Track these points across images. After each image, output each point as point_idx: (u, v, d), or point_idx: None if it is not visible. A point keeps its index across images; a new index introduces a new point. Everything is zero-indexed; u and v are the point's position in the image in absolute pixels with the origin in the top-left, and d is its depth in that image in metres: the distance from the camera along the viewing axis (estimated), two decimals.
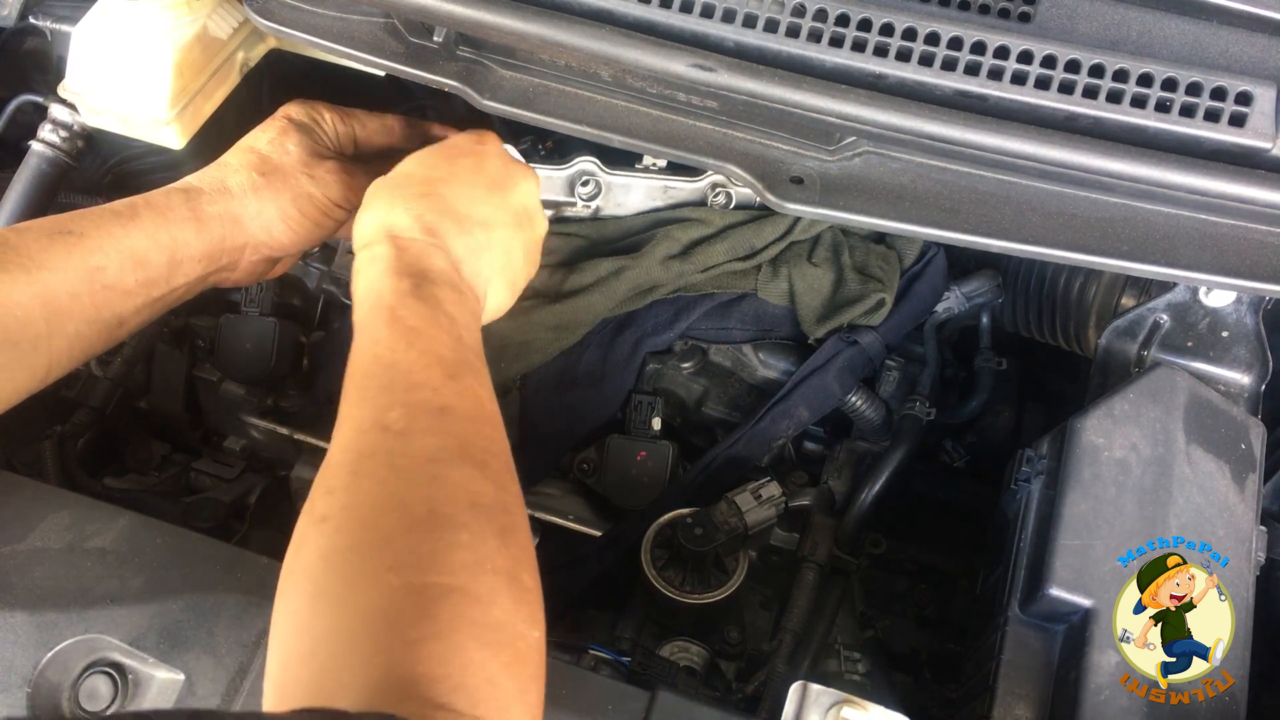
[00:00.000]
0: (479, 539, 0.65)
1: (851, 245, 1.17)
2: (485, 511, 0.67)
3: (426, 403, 0.72)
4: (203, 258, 0.93)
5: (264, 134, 1.01)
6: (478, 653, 0.60)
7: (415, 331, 0.76)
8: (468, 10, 0.91)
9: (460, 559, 0.63)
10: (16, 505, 0.87)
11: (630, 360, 1.16)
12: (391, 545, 0.63)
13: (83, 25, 1.07)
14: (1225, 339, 1.00)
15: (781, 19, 0.89)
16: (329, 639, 0.61)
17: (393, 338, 0.75)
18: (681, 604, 1.03)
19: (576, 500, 1.17)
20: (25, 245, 0.83)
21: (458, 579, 0.62)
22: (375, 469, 0.68)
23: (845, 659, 1.06)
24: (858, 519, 1.12)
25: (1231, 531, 0.87)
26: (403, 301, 0.78)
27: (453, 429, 0.71)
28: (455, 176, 0.91)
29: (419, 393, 0.72)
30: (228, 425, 1.30)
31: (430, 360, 0.74)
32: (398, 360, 0.74)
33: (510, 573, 0.65)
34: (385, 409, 0.71)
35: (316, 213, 1.00)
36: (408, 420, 0.70)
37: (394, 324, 0.76)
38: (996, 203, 0.94)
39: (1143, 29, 0.88)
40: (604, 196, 1.16)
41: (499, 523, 0.67)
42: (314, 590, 0.64)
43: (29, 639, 0.79)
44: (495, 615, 0.63)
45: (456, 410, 0.73)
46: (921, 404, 1.15)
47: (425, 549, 0.63)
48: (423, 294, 0.79)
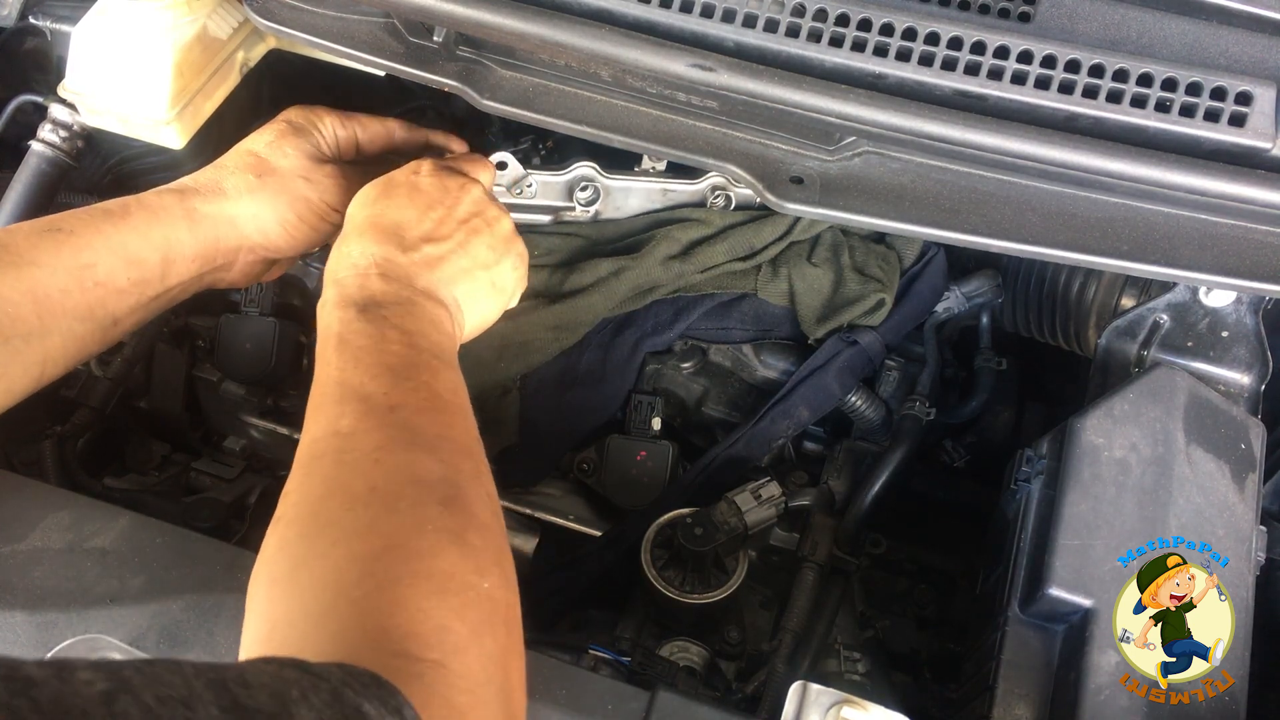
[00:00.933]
0: (418, 506, 0.67)
1: (851, 245, 1.17)
2: (427, 485, 0.69)
3: (375, 405, 0.74)
4: (197, 257, 0.94)
5: (262, 137, 1.01)
6: (424, 601, 0.62)
7: (362, 350, 0.78)
8: (468, 10, 0.91)
9: (398, 522, 0.66)
10: (16, 505, 0.87)
11: (630, 360, 1.16)
12: (334, 524, 0.66)
13: (83, 25, 1.07)
14: (1225, 339, 1.00)
15: (781, 19, 0.89)
16: (284, 618, 0.63)
17: (341, 359, 0.78)
18: (681, 604, 1.03)
19: (576, 500, 1.17)
20: (14, 242, 0.83)
21: (396, 539, 0.64)
22: (323, 466, 0.71)
23: (845, 659, 1.06)
24: (858, 519, 1.12)
25: (1231, 531, 0.87)
26: (349, 327, 0.80)
27: (401, 422, 0.73)
28: (391, 206, 0.92)
29: (369, 401, 0.74)
30: (228, 425, 1.30)
31: (379, 371, 0.76)
32: (347, 378, 0.76)
33: (454, 531, 0.67)
34: (336, 418, 0.73)
35: (313, 217, 1.00)
36: (355, 421, 0.72)
37: (342, 348, 0.78)
38: (996, 203, 0.94)
39: (1143, 29, 0.88)
40: (603, 201, 1.16)
41: (441, 493, 0.69)
42: (269, 578, 0.66)
43: (29, 639, 0.79)
44: (440, 566, 0.64)
45: (407, 405, 0.74)
46: (921, 404, 1.15)
47: (363, 521, 0.65)
48: (368, 316, 0.81)
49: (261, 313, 1.21)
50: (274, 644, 0.62)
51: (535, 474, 1.16)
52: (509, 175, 1.14)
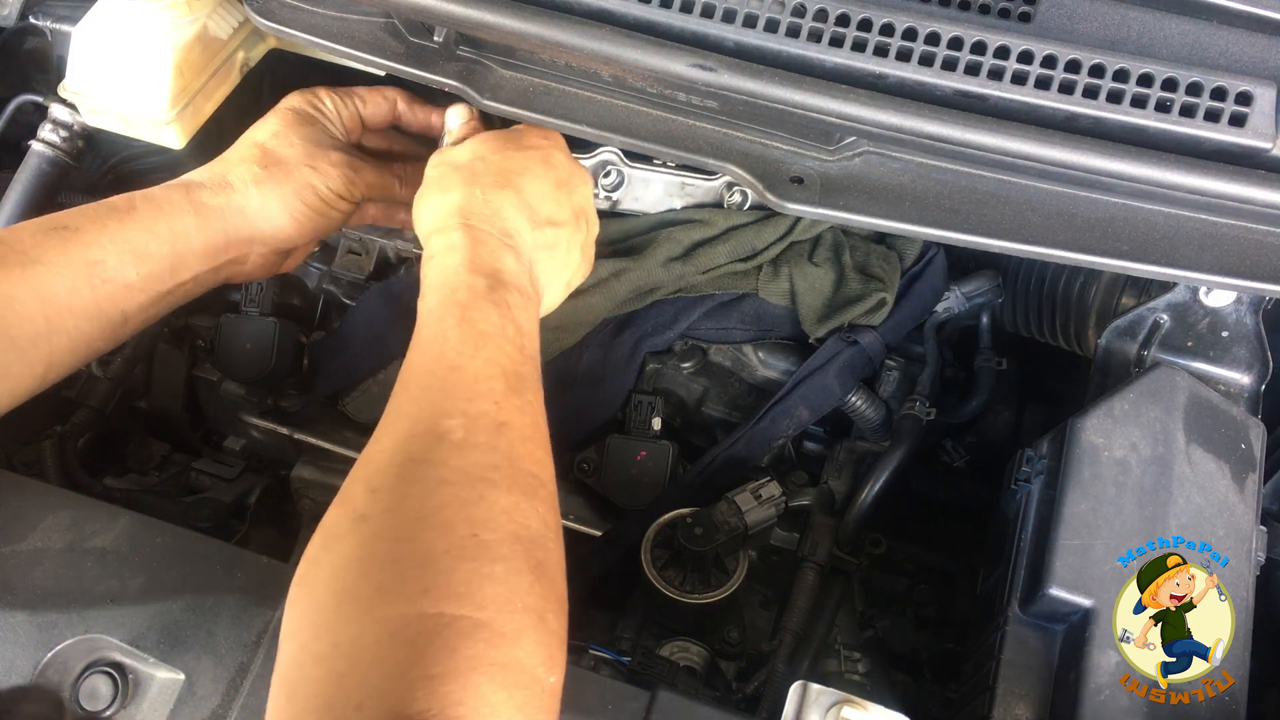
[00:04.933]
0: (514, 573, 0.64)
1: (852, 245, 1.17)
2: (525, 544, 0.66)
3: (486, 415, 0.70)
4: (206, 251, 0.93)
5: (267, 127, 1.00)
6: (494, 694, 0.59)
7: (484, 337, 0.75)
8: (468, 10, 0.91)
9: (493, 592, 0.62)
10: (16, 505, 0.87)
11: (630, 360, 1.16)
12: (429, 566, 0.62)
13: (83, 25, 1.07)
14: (1225, 339, 1.00)
15: (782, 19, 0.89)
16: (350, 647, 0.60)
17: (461, 340, 0.74)
18: (681, 604, 1.03)
19: (576, 500, 1.17)
20: (19, 241, 0.82)
21: (486, 613, 0.61)
22: (424, 477, 0.66)
23: (845, 659, 1.06)
24: (858, 519, 1.12)
25: (1231, 531, 0.87)
26: (476, 303, 0.76)
27: (507, 448, 0.70)
28: (528, 170, 0.90)
29: (480, 404, 0.71)
30: (228, 425, 1.30)
31: (495, 371, 0.73)
32: (463, 365, 0.72)
33: (539, 612, 0.64)
34: (444, 415, 0.69)
35: (321, 204, 0.99)
36: (465, 432, 0.69)
37: (464, 325, 0.75)
38: (996, 203, 0.94)
39: (1143, 29, 0.88)
40: (624, 189, 1.16)
41: (536, 558, 0.66)
42: (343, 591, 0.62)
43: (29, 639, 0.79)
44: (517, 655, 0.62)
45: (513, 427, 0.71)
46: (921, 404, 1.15)
47: (460, 576, 0.62)
48: (495, 297, 0.78)
49: (261, 313, 1.21)
50: (333, 669, 0.59)
51: None
52: None
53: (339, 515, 0.66)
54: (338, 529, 0.65)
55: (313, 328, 1.27)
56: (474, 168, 0.88)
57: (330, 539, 0.65)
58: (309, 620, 0.63)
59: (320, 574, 0.64)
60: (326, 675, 0.59)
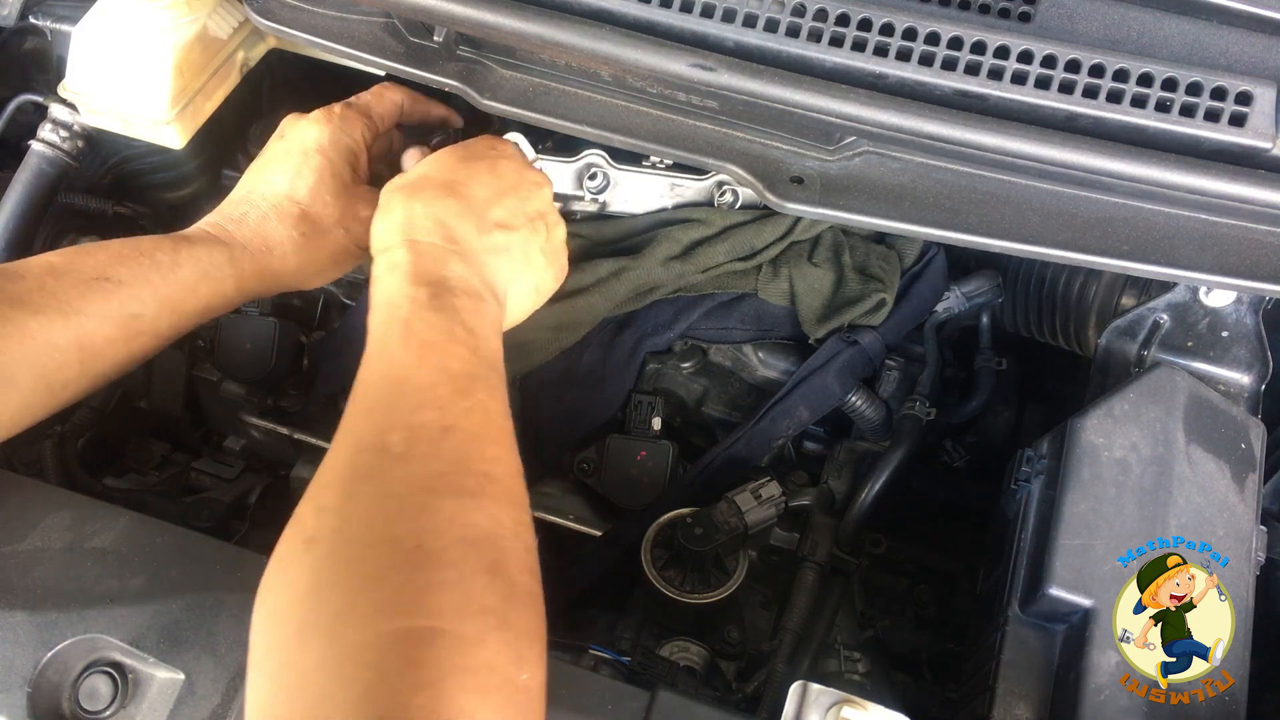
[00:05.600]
0: (466, 576, 0.64)
1: (852, 245, 1.17)
2: (474, 547, 0.66)
3: (430, 424, 0.70)
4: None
5: (302, 179, 0.98)
6: (467, 700, 0.59)
7: (428, 346, 0.75)
8: (468, 10, 0.91)
9: (447, 599, 0.62)
10: (16, 505, 0.87)
11: (630, 360, 1.16)
12: (380, 583, 0.62)
13: (83, 25, 1.07)
14: (1225, 339, 1.00)
15: (781, 19, 0.89)
16: (318, 676, 0.60)
17: (405, 353, 0.74)
18: (681, 604, 1.03)
19: (576, 500, 1.17)
20: (64, 290, 0.84)
21: (443, 621, 0.61)
22: (368, 494, 0.67)
23: (845, 659, 1.06)
24: (858, 519, 1.12)
25: (1231, 531, 0.87)
26: (418, 314, 0.77)
27: (452, 453, 0.70)
28: (473, 178, 0.90)
29: (423, 413, 0.71)
30: (228, 425, 1.30)
31: (441, 378, 0.73)
32: (408, 377, 0.73)
33: (499, 613, 0.64)
34: (387, 429, 0.70)
35: (351, 259, 1.02)
36: (407, 444, 0.69)
37: (407, 338, 0.75)
38: (996, 203, 0.94)
39: (1143, 29, 0.88)
40: (611, 191, 1.16)
41: (488, 558, 0.66)
42: (302, 622, 0.62)
43: (29, 639, 0.79)
44: (483, 658, 0.61)
45: (460, 430, 0.71)
46: (921, 404, 1.15)
47: (412, 588, 0.62)
48: (440, 304, 0.78)
49: (261, 313, 1.21)
50: (306, 701, 0.59)
51: (535, 474, 1.16)
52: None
53: (290, 539, 0.66)
54: (291, 555, 0.66)
55: (313, 328, 1.27)
56: (417, 185, 0.89)
57: (284, 564, 0.65)
58: (276, 655, 0.63)
59: (279, 602, 0.64)
60: (301, 709, 0.59)
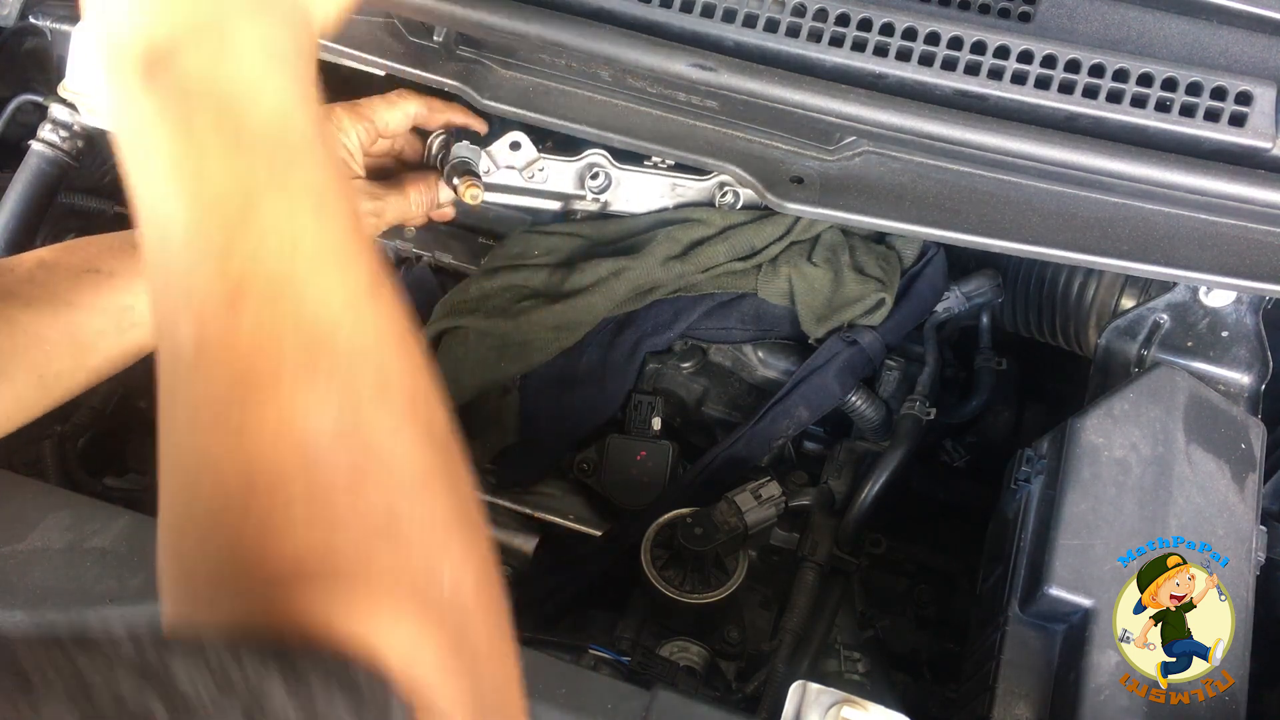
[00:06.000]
0: None
1: (852, 245, 1.17)
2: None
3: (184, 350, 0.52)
4: None
5: None
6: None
7: (160, 176, 0.50)
8: (468, 10, 0.91)
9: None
10: (16, 505, 0.87)
11: (630, 360, 1.16)
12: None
13: (83, 25, 1.07)
14: (1225, 339, 1.00)
15: (782, 19, 0.89)
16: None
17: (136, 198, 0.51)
18: (681, 604, 1.03)
19: (576, 500, 1.17)
20: (53, 282, 0.83)
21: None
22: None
23: (845, 659, 1.06)
24: (858, 519, 1.11)
25: (1231, 531, 0.87)
26: (134, 126, 0.51)
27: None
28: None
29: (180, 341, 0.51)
30: None
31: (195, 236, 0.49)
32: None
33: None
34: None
35: None
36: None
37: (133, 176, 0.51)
38: (996, 203, 0.94)
39: (1143, 29, 0.88)
40: (613, 191, 1.16)
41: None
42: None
43: None
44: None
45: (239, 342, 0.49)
46: (921, 404, 1.15)
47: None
48: (157, 93, 0.50)
49: None
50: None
51: (535, 474, 1.16)
52: (523, 156, 1.13)
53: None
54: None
55: None
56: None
57: None
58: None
59: None
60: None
